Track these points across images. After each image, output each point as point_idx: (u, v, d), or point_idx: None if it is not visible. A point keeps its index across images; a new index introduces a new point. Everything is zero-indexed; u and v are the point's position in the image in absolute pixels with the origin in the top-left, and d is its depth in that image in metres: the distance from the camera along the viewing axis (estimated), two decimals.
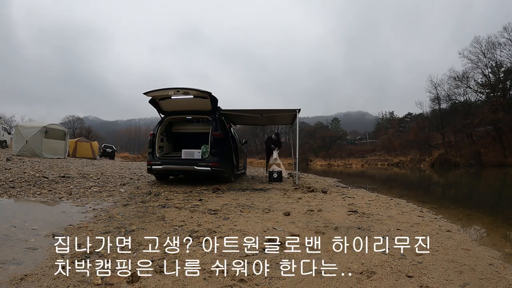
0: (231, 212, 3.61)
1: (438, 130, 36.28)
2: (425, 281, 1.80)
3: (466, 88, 33.76)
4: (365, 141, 53.57)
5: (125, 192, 5.08)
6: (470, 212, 4.90)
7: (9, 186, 4.76)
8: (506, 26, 29.70)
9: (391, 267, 2.00)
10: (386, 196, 5.95)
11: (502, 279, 1.89)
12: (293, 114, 7.49)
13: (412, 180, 14.78)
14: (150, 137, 6.54)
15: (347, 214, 3.64)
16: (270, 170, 7.84)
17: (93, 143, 21.02)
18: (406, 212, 4.11)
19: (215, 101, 6.33)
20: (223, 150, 6.31)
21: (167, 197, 4.66)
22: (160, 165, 6.17)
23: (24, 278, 1.73)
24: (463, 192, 9.42)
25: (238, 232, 2.71)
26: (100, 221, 3.08)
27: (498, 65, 31.55)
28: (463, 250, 2.46)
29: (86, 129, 49.67)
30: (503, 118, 28.14)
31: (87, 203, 3.97)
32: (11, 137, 17.46)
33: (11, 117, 40.07)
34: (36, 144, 13.14)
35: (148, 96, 6.24)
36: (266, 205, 4.14)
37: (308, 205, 4.19)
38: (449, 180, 14.59)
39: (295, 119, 7.58)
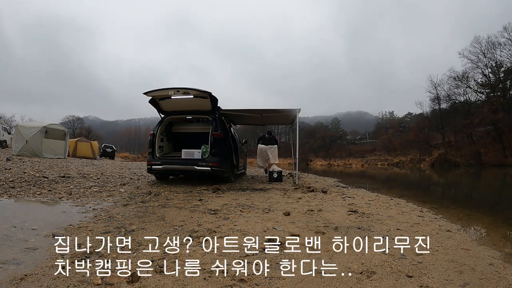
0: (231, 212, 3.61)
1: (438, 130, 36.32)
2: (425, 281, 1.80)
3: (466, 88, 33.86)
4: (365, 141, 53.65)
5: (125, 192, 5.08)
6: (470, 212, 4.90)
7: (9, 186, 4.76)
8: (506, 26, 29.79)
9: (391, 267, 2.00)
10: (386, 196, 5.95)
11: (502, 279, 1.89)
12: (293, 114, 7.49)
13: (412, 180, 14.78)
14: (150, 137, 6.54)
15: (347, 214, 3.64)
16: (270, 170, 7.84)
17: (93, 143, 21.02)
18: (406, 212, 4.11)
19: (215, 101, 6.33)
20: (223, 150, 6.31)
21: (167, 197, 4.66)
22: (160, 165, 6.17)
23: (24, 278, 1.73)
24: (463, 192, 9.42)
25: (238, 232, 2.71)
26: (100, 221, 3.08)
27: (498, 65, 31.62)
28: (463, 250, 2.46)
29: (86, 129, 49.76)
30: (503, 118, 28.16)
31: (87, 203, 3.97)
32: (11, 137, 17.46)
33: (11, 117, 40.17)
34: (36, 144, 13.14)
35: (148, 96, 6.24)
36: (266, 205, 4.14)
37: (308, 205, 4.18)
38: (449, 180, 14.60)
39: (295, 119, 7.59)
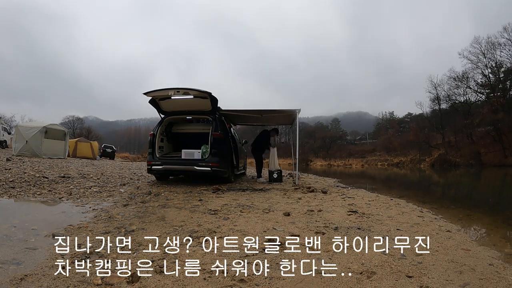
0: (231, 212, 3.61)
1: (438, 130, 36.31)
2: (425, 281, 1.80)
3: (466, 88, 33.86)
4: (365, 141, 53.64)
5: (125, 192, 5.08)
6: (470, 212, 4.90)
7: (9, 186, 4.76)
8: (506, 26, 29.79)
9: (391, 267, 2.00)
10: (386, 196, 5.94)
11: (502, 279, 1.89)
12: (293, 114, 7.49)
13: (412, 180, 14.78)
14: (150, 137, 6.55)
15: (347, 214, 3.64)
16: (270, 170, 7.85)
17: (93, 143, 21.02)
18: (406, 212, 4.11)
19: (215, 101, 6.34)
20: (223, 150, 6.31)
21: (167, 197, 4.66)
22: (160, 165, 6.17)
23: (24, 278, 1.73)
24: (463, 192, 9.42)
25: (238, 232, 2.71)
26: (100, 221, 3.08)
27: (498, 65, 31.61)
28: (463, 250, 2.46)
29: (86, 129, 49.72)
30: (503, 118, 28.16)
31: (87, 203, 3.97)
32: (11, 137, 17.47)
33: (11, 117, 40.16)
34: (36, 144, 13.14)
35: (148, 96, 6.24)
36: (266, 205, 4.14)
37: (308, 205, 4.18)
38: (449, 180, 14.60)
39: (295, 120, 7.58)
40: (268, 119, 8.81)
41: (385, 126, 52.44)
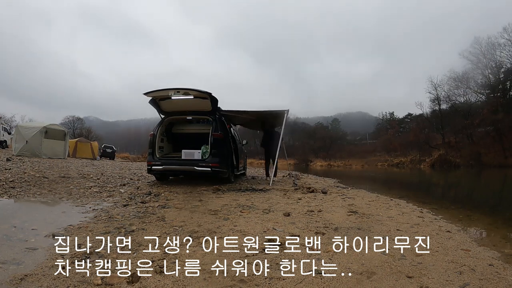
0: (231, 212, 3.61)
1: (438, 130, 36.30)
2: (425, 282, 1.80)
3: (466, 89, 33.82)
4: (365, 141, 53.56)
5: (125, 193, 5.08)
6: (470, 212, 4.89)
7: (9, 186, 4.76)
8: (506, 27, 29.77)
9: (391, 267, 2.00)
10: (386, 197, 5.94)
11: (502, 279, 1.89)
12: (282, 114, 7.36)
13: (412, 180, 14.77)
14: (150, 137, 6.55)
15: (347, 215, 3.63)
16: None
17: (93, 144, 21.06)
18: (406, 212, 4.11)
19: (215, 102, 6.34)
20: (223, 150, 6.30)
21: (167, 198, 4.66)
22: (160, 165, 6.17)
23: (24, 278, 1.73)
24: (463, 193, 9.41)
25: (238, 232, 2.71)
26: (100, 221, 3.08)
27: (498, 66, 31.59)
28: (463, 251, 2.46)
29: (86, 129, 49.75)
30: (503, 119, 28.11)
31: (87, 204, 3.98)
32: (11, 137, 17.48)
33: (11, 117, 40.18)
34: (36, 144, 13.15)
35: (148, 97, 6.24)
36: (266, 205, 4.14)
37: (308, 206, 4.18)
38: (449, 180, 14.59)
39: (284, 120, 7.44)
40: (263, 123, 8.72)
41: (385, 126, 52.33)
